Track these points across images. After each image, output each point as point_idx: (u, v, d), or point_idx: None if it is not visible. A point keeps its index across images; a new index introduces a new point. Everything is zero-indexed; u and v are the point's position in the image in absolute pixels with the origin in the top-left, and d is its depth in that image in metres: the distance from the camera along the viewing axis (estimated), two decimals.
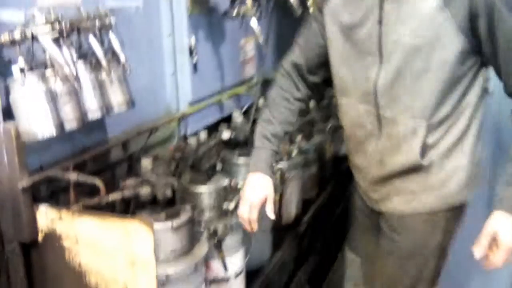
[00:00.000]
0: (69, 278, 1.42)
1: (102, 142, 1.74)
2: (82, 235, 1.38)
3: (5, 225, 1.40)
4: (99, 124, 1.70)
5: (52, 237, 1.41)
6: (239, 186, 1.81)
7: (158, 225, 1.48)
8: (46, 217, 1.40)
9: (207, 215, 1.78)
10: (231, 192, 1.84)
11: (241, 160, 2.11)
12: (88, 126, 1.49)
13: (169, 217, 1.56)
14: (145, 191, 1.58)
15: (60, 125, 1.35)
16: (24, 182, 1.36)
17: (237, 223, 1.71)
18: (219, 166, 2.14)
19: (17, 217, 1.38)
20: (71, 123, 1.38)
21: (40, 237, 1.43)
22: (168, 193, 1.61)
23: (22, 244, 1.41)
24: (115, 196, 1.56)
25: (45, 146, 1.46)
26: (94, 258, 1.38)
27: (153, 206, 1.61)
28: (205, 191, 1.77)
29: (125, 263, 1.34)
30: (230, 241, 1.79)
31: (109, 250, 1.36)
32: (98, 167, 1.72)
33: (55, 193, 1.55)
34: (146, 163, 1.69)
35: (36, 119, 1.32)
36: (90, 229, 1.36)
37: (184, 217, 1.58)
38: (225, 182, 1.83)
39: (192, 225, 1.62)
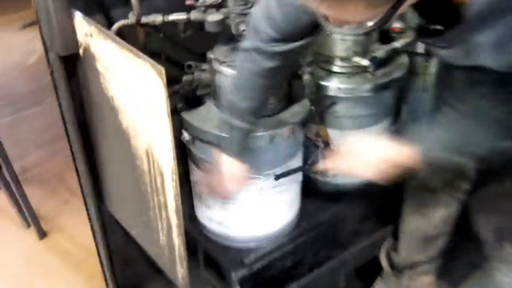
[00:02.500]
0: (106, 109, 1.25)
1: None
2: (109, 61, 1.15)
3: (48, 36, 1.23)
4: None
5: (89, 55, 1.21)
6: None
7: None
8: (83, 28, 1.19)
9: None
10: None
11: None
12: None
13: None
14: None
15: None
16: None
17: None
18: None
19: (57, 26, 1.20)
20: None
21: (80, 51, 1.24)
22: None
23: (63, 57, 1.25)
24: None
25: None
26: (123, 96, 1.16)
27: None
28: None
29: (144, 113, 1.10)
30: None
31: (129, 87, 1.11)
32: None
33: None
34: None
35: None
36: (112, 55, 1.12)
37: None
38: None
39: None
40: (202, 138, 1.30)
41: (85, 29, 1.19)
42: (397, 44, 1.45)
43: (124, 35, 1.36)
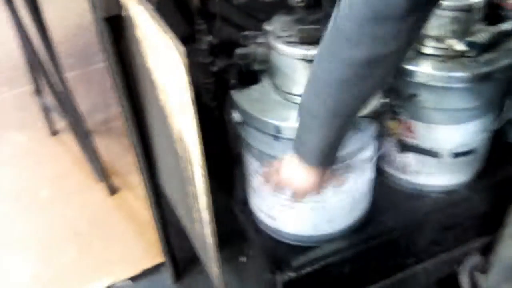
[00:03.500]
0: (147, 81, 1.12)
1: None
2: (144, 28, 1.01)
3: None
4: None
5: (129, 19, 1.08)
6: None
7: None
8: None
9: None
10: None
11: None
12: None
13: None
14: None
15: None
16: None
17: None
18: None
19: None
20: None
21: (122, 13, 1.11)
22: None
23: (107, 19, 1.14)
24: None
25: None
26: (159, 70, 1.02)
27: None
28: None
29: (175, 95, 0.95)
30: None
31: (163, 62, 0.97)
32: None
33: None
34: None
35: None
36: (145, 23, 0.98)
37: None
38: None
39: None
40: (256, 126, 1.13)
41: None
42: (508, 25, 1.15)
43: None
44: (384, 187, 1.40)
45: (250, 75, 1.19)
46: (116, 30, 1.17)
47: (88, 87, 2.65)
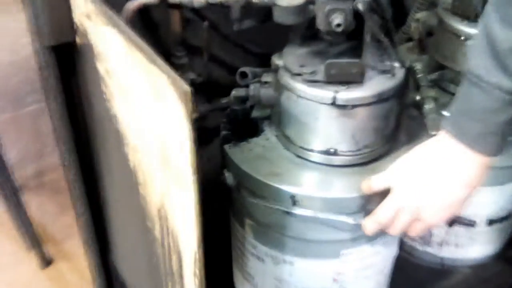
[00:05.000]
0: (109, 132, 0.83)
1: None
2: (112, 60, 0.71)
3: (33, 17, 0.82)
4: None
5: (86, 48, 0.79)
6: None
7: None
8: (81, 6, 0.76)
9: None
10: None
11: None
12: None
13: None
14: None
15: None
16: None
17: None
18: None
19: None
20: None
21: (76, 39, 0.81)
22: None
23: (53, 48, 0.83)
24: None
25: None
26: (131, 118, 0.73)
27: None
28: None
29: (158, 152, 0.66)
30: None
31: (139, 107, 0.68)
32: None
33: None
34: None
35: None
36: (117, 53, 0.68)
37: None
38: None
39: None
40: (259, 195, 0.85)
41: (82, 7, 0.76)
42: None
43: (152, 21, 0.93)
44: (401, 262, 1.14)
45: (246, 125, 0.91)
46: (65, 62, 0.87)
47: (19, 133, 2.28)
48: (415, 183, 0.73)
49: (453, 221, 1.08)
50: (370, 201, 0.79)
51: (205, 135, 1.02)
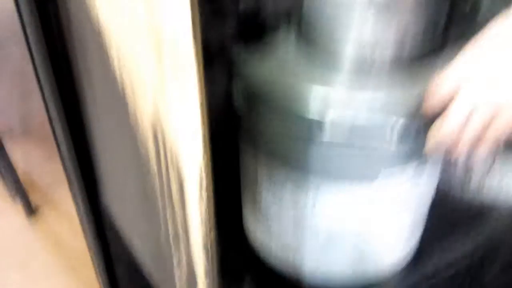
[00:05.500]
0: (90, 37, 0.66)
1: None
2: None
3: None
4: None
5: None
6: None
7: None
8: None
9: None
10: None
11: None
12: None
13: None
14: None
15: None
16: None
17: None
18: None
19: None
20: None
21: None
22: None
23: None
24: None
25: None
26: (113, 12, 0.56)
27: None
28: None
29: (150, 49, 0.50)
30: None
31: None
32: None
33: None
34: None
35: None
36: None
37: None
38: None
39: None
40: (281, 108, 0.68)
41: None
42: None
43: None
44: (436, 201, 0.99)
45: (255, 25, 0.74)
46: None
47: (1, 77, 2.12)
48: (492, 73, 0.57)
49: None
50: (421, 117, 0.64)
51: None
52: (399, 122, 0.63)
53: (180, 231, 0.63)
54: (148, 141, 0.60)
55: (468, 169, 0.95)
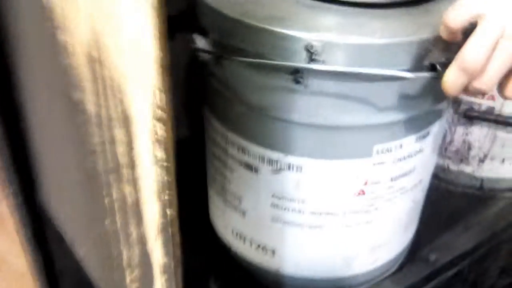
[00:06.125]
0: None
1: None
2: None
3: None
4: None
5: None
6: None
7: None
8: None
9: None
10: None
11: None
12: None
13: None
14: None
15: None
16: None
17: None
18: None
19: None
20: None
21: None
22: None
23: None
24: None
25: None
26: None
27: None
28: None
29: None
30: None
31: None
32: None
33: None
34: None
35: None
36: None
37: None
38: None
39: None
40: (250, 52, 0.54)
41: None
42: None
43: None
44: (430, 188, 0.87)
45: None
46: None
47: None
48: None
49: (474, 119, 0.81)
50: (433, 49, 0.51)
51: None
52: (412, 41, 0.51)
53: (129, 209, 0.48)
54: (81, 70, 0.45)
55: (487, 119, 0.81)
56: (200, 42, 0.58)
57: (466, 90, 0.50)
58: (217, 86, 0.61)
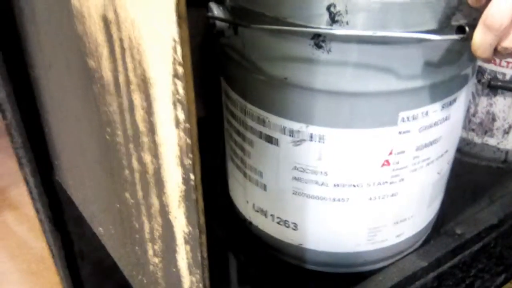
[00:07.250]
0: None
1: None
2: None
3: None
4: None
5: None
6: None
7: None
8: None
9: None
10: None
11: None
12: None
13: None
14: None
15: None
16: None
17: None
18: None
19: None
20: None
21: None
22: None
23: None
24: None
25: None
26: None
27: None
28: None
29: None
30: None
31: None
32: None
33: None
34: None
35: None
36: None
37: None
38: None
39: None
40: (268, 17, 0.53)
41: None
42: None
43: None
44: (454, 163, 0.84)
45: None
46: None
47: None
48: None
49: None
50: (461, 8, 0.49)
51: None
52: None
53: (151, 179, 0.47)
54: (99, 41, 0.44)
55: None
56: (217, 11, 0.56)
57: (496, 52, 0.48)
58: (234, 56, 0.60)
